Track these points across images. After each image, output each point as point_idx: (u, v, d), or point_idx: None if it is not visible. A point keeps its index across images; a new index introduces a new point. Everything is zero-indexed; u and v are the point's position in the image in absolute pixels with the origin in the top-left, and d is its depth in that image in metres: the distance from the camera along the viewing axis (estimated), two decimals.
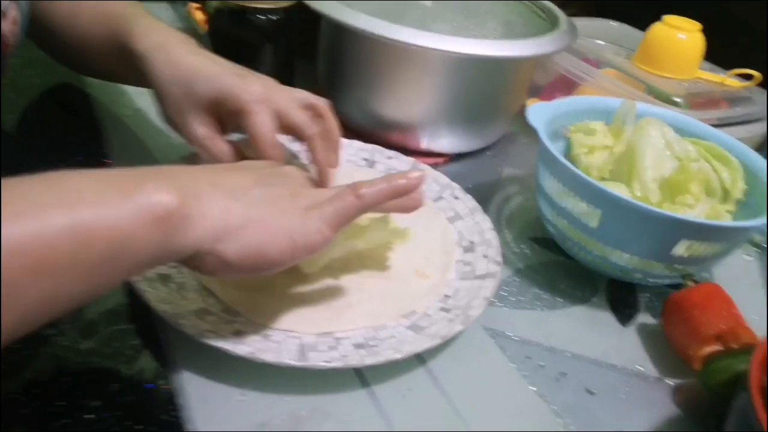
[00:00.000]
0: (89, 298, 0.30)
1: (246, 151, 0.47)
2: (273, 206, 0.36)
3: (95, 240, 0.28)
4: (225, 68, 0.47)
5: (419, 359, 0.43)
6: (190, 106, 0.46)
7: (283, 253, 0.35)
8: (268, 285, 0.45)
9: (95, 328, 0.41)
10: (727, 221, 0.51)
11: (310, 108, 0.48)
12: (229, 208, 0.34)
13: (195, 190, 0.33)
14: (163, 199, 0.30)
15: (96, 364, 0.39)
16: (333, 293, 0.45)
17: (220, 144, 0.47)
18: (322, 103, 0.49)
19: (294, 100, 0.47)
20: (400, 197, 0.40)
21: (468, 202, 0.56)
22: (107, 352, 0.39)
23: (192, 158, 0.54)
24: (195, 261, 0.33)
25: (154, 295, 0.40)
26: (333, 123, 0.50)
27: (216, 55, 0.48)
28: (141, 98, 0.67)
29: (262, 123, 0.45)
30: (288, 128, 0.47)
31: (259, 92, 0.45)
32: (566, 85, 0.74)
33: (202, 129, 0.46)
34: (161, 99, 0.47)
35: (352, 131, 0.66)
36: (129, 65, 0.48)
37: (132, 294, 0.42)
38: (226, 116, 0.47)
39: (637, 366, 0.46)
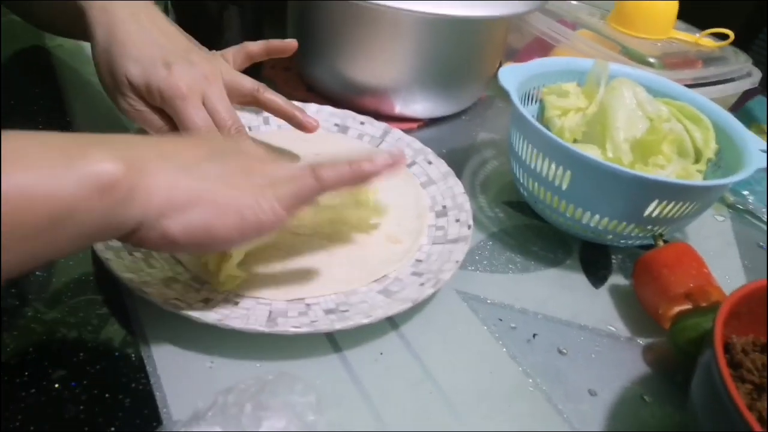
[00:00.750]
0: (28, 266, 0.28)
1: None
2: (225, 182, 0.34)
3: (33, 205, 0.26)
4: (155, 50, 0.44)
5: (392, 323, 0.43)
6: (120, 76, 0.44)
7: (231, 232, 0.33)
8: (237, 251, 0.44)
9: (60, 298, 0.40)
10: (698, 181, 0.51)
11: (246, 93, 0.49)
12: (178, 182, 0.32)
13: (143, 161, 0.31)
14: (107, 168, 0.29)
15: (61, 334, 0.38)
16: (303, 260, 0.45)
17: (148, 116, 0.46)
18: (255, 86, 0.49)
19: (229, 73, 0.48)
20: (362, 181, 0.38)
21: (441, 167, 0.56)
22: (73, 322, 0.39)
23: None
24: (138, 235, 0.31)
25: (119, 264, 0.39)
26: (277, 100, 0.50)
27: (154, 22, 0.46)
28: None
29: (191, 117, 0.44)
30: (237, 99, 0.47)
31: (183, 88, 0.44)
32: (542, 48, 0.73)
33: (126, 102, 0.45)
34: (95, 60, 0.45)
35: (323, 97, 0.64)
36: (76, 19, 0.46)
37: (97, 263, 0.41)
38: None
39: (608, 326, 0.46)
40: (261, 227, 0.34)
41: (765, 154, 0.49)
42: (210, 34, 0.58)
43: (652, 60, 0.66)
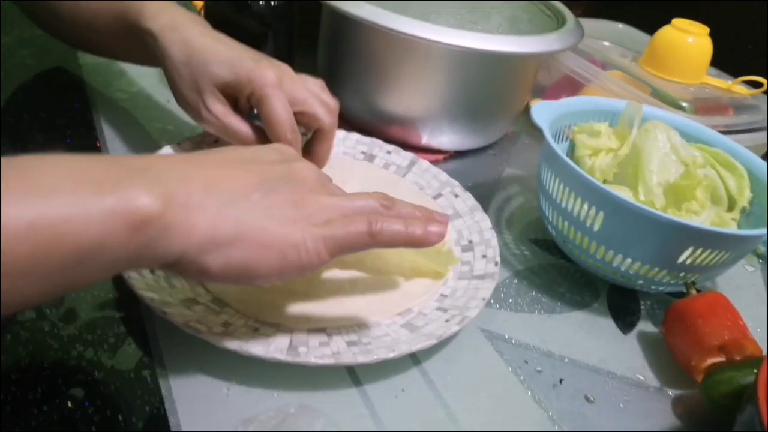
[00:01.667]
0: (51, 298, 0.27)
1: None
2: (272, 217, 0.32)
3: (60, 243, 0.25)
4: (239, 51, 0.46)
5: (414, 359, 0.41)
6: (205, 85, 0.45)
7: (270, 271, 0.32)
8: None
9: (77, 314, 0.39)
10: (737, 230, 0.50)
11: (321, 103, 0.48)
12: (222, 218, 0.30)
13: (184, 195, 0.29)
14: (144, 204, 0.27)
15: (77, 351, 0.37)
16: (326, 288, 0.44)
17: (238, 122, 0.46)
18: (332, 101, 0.49)
19: (308, 90, 0.47)
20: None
21: (468, 201, 0.55)
22: (89, 339, 0.38)
23: (199, 141, 0.53)
24: (175, 267, 0.30)
25: (141, 283, 0.39)
26: (336, 122, 0.49)
27: (227, 37, 0.47)
28: (139, 81, 0.66)
29: (279, 107, 0.44)
30: (297, 116, 0.46)
31: (273, 77, 0.44)
32: (571, 86, 0.73)
33: (219, 106, 0.46)
34: (175, 78, 0.46)
35: (350, 123, 0.64)
36: (138, 44, 0.48)
37: (117, 280, 0.41)
38: (240, 102, 0.47)
39: (637, 375, 0.44)
40: (302, 268, 0.33)
41: None
42: None
43: (684, 104, 0.65)
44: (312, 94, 0.47)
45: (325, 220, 0.33)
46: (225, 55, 0.45)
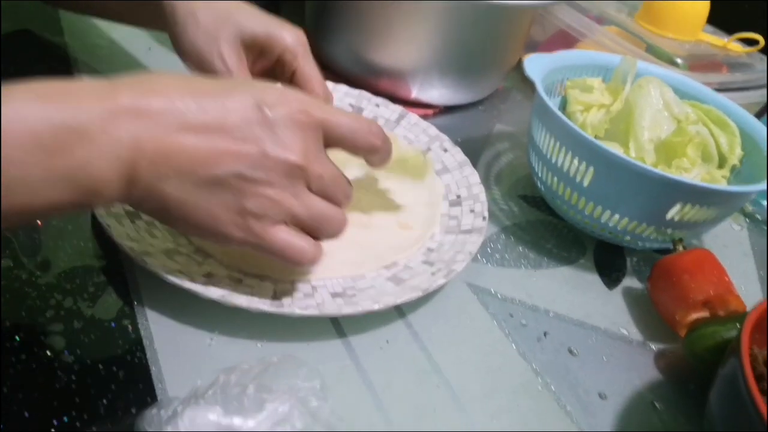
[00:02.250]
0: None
1: None
2: (203, 208, 0.31)
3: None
4: (260, 11, 0.45)
5: (399, 312, 0.41)
6: (227, 34, 0.43)
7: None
8: None
9: (57, 263, 0.38)
10: (726, 186, 0.50)
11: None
12: (153, 192, 0.30)
13: (130, 164, 0.29)
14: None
15: (56, 300, 0.36)
16: None
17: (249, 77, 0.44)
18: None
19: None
20: None
21: (457, 155, 0.54)
22: (68, 288, 0.37)
23: None
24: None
25: (120, 232, 0.38)
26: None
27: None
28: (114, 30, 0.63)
29: (312, 63, 0.45)
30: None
31: (304, 38, 0.45)
32: (565, 42, 0.71)
33: (235, 58, 0.43)
34: (189, 22, 0.43)
35: (338, 75, 0.63)
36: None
37: (97, 229, 0.40)
38: (255, 64, 0.46)
39: (620, 329, 0.45)
40: (226, 240, 0.33)
41: None
42: None
43: (678, 60, 0.64)
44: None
45: (260, 217, 0.32)
46: (254, 10, 0.44)
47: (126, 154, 0.28)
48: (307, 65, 0.45)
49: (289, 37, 0.44)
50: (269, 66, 0.46)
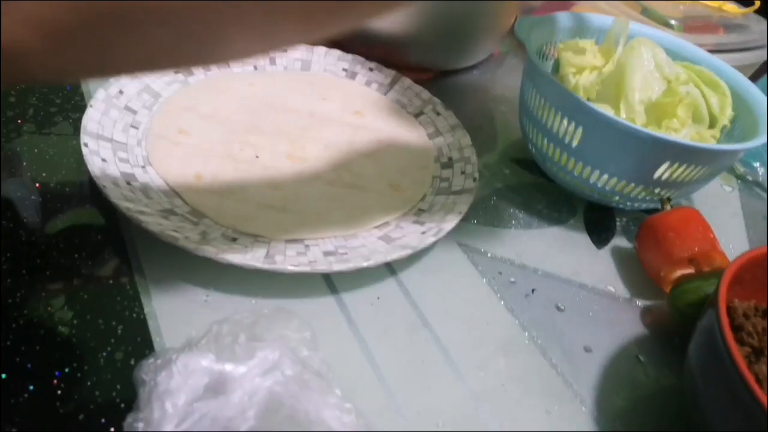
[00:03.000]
0: None
1: None
2: None
3: None
4: None
5: (390, 270, 0.42)
6: None
7: None
8: (238, 189, 0.43)
9: (55, 224, 0.39)
10: (712, 144, 0.50)
11: None
12: None
13: None
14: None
15: (54, 258, 0.37)
16: (305, 201, 0.44)
17: None
18: None
19: None
20: None
21: (449, 119, 0.55)
22: (67, 247, 0.38)
23: None
24: None
25: (116, 192, 0.39)
26: None
27: None
28: None
29: None
30: None
31: None
32: (561, 5, 0.71)
33: None
34: None
35: (331, 40, 0.63)
36: None
37: (94, 190, 0.41)
38: None
39: (608, 286, 0.46)
40: None
41: None
42: None
43: (673, 22, 0.64)
44: None
45: None
46: None
47: None
48: None
49: None
50: None
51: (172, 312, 0.36)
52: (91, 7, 0.23)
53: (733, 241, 0.52)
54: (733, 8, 0.70)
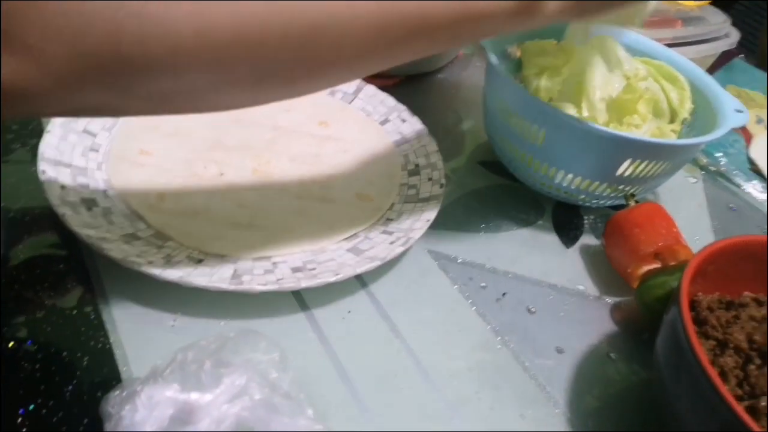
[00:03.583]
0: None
1: None
2: None
3: None
4: None
5: (361, 282, 0.42)
6: None
7: None
8: (203, 209, 0.43)
9: (16, 254, 0.39)
10: (670, 140, 0.51)
11: None
12: None
13: None
14: None
15: (16, 291, 0.37)
16: (272, 217, 0.44)
17: None
18: None
19: None
20: None
21: (415, 125, 0.55)
22: (29, 278, 0.37)
23: None
24: None
25: (76, 220, 0.38)
26: None
27: None
28: None
29: None
30: None
31: None
32: None
33: None
34: None
35: None
36: None
37: (54, 218, 0.40)
38: None
39: (577, 285, 0.46)
40: None
41: (740, 115, 0.49)
42: None
43: None
44: None
45: None
46: None
47: None
48: None
49: None
50: None
51: (138, 339, 0.36)
52: (103, 53, 0.24)
53: (698, 232, 0.53)
54: (687, 2, 0.72)
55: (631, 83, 0.51)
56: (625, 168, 0.45)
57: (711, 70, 0.71)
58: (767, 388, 0.32)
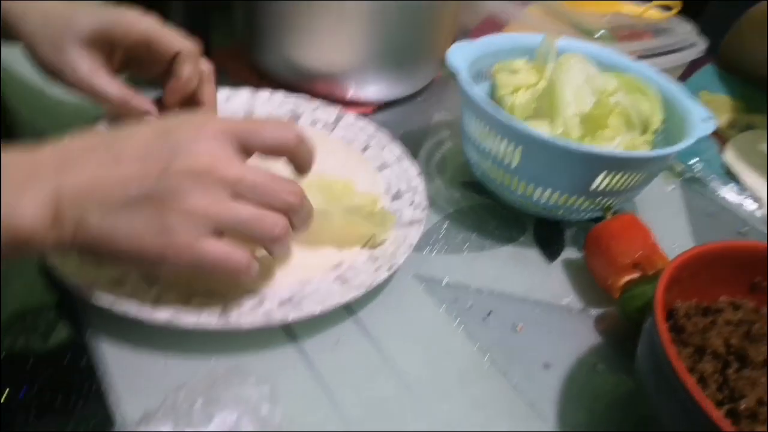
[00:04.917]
0: None
1: None
2: (134, 228, 0.33)
3: None
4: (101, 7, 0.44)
5: (348, 311, 0.43)
6: (69, 42, 0.42)
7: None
8: None
9: (5, 305, 0.39)
10: (641, 152, 0.52)
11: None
12: (84, 228, 0.32)
13: (55, 205, 0.31)
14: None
15: (7, 342, 0.37)
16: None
17: (107, 83, 0.44)
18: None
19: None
20: None
21: (394, 150, 0.56)
22: (19, 328, 0.38)
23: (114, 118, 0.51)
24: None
25: (66, 267, 0.39)
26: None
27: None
28: None
29: (179, 39, 0.45)
30: None
31: (152, 20, 0.45)
32: (494, 26, 0.73)
33: (84, 65, 0.43)
34: (33, 43, 0.43)
35: (275, 83, 0.64)
36: None
37: (43, 267, 0.41)
38: (113, 57, 0.45)
39: (562, 300, 0.47)
40: (158, 261, 0.34)
41: (706, 123, 0.50)
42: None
43: (600, 33, 0.66)
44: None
45: (184, 232, 0.33)
46: (92, 7, 0.43)
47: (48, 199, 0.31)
48: (173, 38, 0.45)
49: (137, 21, 0.44)
50: (165, 68, 0.46)
51: (130, 382, 0.36)
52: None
53: (678, 239, 0.54)
54: (655, 13, 0.74)
55: (601, 98, 0.52)
56: (600, 181, 0.47)
57: (683, 78, 0.73)
58: (746, 391, 0.33)
